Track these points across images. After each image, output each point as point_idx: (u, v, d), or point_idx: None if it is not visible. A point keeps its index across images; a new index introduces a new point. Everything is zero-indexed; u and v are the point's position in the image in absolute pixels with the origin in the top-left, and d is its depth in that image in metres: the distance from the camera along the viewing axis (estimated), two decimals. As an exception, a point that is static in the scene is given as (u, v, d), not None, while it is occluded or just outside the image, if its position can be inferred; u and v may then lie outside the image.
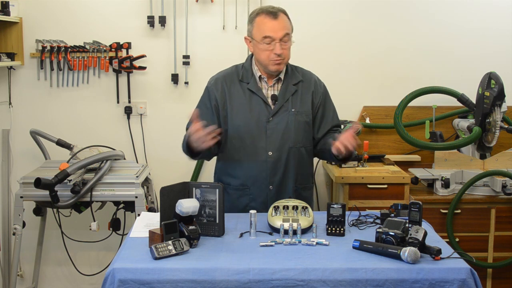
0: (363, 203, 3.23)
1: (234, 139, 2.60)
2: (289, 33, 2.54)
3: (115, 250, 3.12)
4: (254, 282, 1.88)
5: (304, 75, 2.70)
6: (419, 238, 1.97)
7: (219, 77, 2.67)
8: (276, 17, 2.51)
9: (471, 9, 3.80)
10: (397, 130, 3.46)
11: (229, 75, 2.66)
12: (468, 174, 3.37)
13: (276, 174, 2.60)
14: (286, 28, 2.52)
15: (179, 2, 3.70)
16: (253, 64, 2.64)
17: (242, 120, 2.57)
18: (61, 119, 3.78)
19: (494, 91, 3.28)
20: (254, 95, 2.60)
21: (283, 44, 2.52)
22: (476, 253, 3.24)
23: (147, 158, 3.82)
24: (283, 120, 2.59)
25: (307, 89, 2.66)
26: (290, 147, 2.60)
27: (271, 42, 2.50)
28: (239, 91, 2.61)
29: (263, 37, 2.50)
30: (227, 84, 2.63)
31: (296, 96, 2.63)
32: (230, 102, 2.60)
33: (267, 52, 2.52)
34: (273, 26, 2.49)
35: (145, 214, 2.52)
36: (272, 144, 2.58)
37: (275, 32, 2.49)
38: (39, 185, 2.99)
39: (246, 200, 2.62)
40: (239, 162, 2.60)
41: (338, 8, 3.79)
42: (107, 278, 1.90)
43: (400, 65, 3.83)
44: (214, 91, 2.63)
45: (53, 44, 3.66)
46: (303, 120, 2.63)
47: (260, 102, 2.59)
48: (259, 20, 2.53)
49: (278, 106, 2.59)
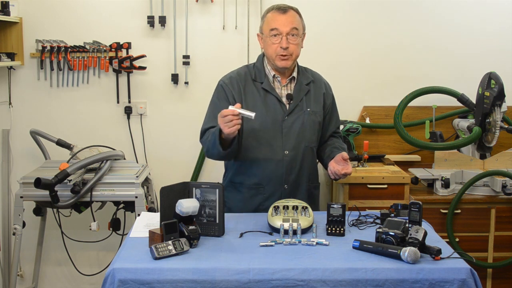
0: (363, 203, 3.23)
1: (250, 138, 2.58)
2: (297, 29, 2.55)
3: (115, 250, 3.12)
4: (254, 282, 1.88)
5: (314, 76, 2.74)
6: (419, 238, 1.97)
7: (233, 76, 2.66)
8: (285, 12, 2.55)
9: (471, 9, 3.80)
10: (397, 130, 3.46)
11: (242, 74, 2.66)
12: (468, 174, 3.37)
13: (291, 173, 2.61)
14: (294, 23, 2.54)
15: (179, 2, 3.70)
16: (265, 64, 2.65)
17: (258, 119, 2.53)
18: (61, 119, 3.78)
19: (494, 91, 3.28)
20: (268, 94, 2.60)
21: (290, 38, 2.53)
22: (476, 253, 3.24)
23: (147, 158, 3.82)
24: (298, 119, 2.60)
25: (318, 90, 2.69)
26: (306, 146, 2.63)
27: (278, 35, 2.52)
28: (253, 90, 2.61)
29: (270, 30, 2.54)
30: (241, 83, 2.62)
31: (310, 96, 2.66)
32: (246, 101, 2.59)
33: (274, 45, 2.54)
34: (281, 20, 2.53)
35: (145, 214, 2.52)
36: (288, 143, 2.59)
37: (282, 25, 2.52)
38: (39, 185, 2.99)
39: (259, 199, 2.61)
40: (255, 161, 2.59)
41: (338, 8, 3.79)
42: (107, 278, 1.90)
43: (400, 65, 3.84)
44: (231, 89, 2.61)
45: (53, 44, 3.66)
46: (317, 120, 2.66)
47: (275, 101, 2.60)
48: (269, 16, 2.58)
49: (293, 105, 2.60)
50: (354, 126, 3.57)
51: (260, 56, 2.71)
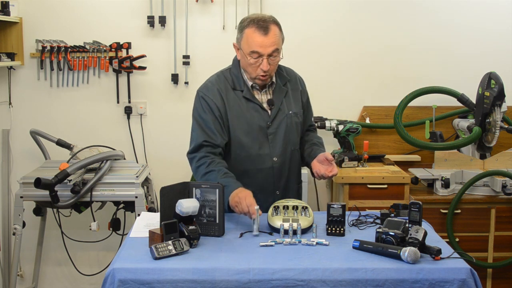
0: (363, 203, 3.23)
1: (239, 150, 2.54)
2: (278, 48, 2.42)
3: (115, 250, 3.12)
4: (254, 282, 1.88)
5: (288, 73, 2.65)
6: (419, 238, 1.97)
7: (212, 86, 2.54)
8: (266, 32, 2.38)
9: (471, 9, 3.80)
10: (397, 130, 3.45)
11: (221, 83, 2.54)
12: (468, 174, 3.37)
13: (281, 179, 2.58)
14: (275, 44, 2.40)
15: (179, 2, 3.70)
16: (242, 72, 2.56)
17: (244, 129, 2.51)
18: (61, 119, 3.78)
19: (494, 91, 3.28)
20: (250, 102, 2.52)
21: (271, 60, 2.42)
22: (476, 253, 3.24)
23: (147, 158, 3.82)
24: (282, 124, 2.55)
25: (295, 88, 2.63)
26: (292, 150, 2.59)
27: (259, 57, 2.41)
28: (235, 99, 2.53)
29: (251, 52, 2.40)
30: (223, 92, 2.52)
31: (289, 97, 2.60)
32: (230, 111, 2.51)
33: (254, 66, 2.44)
34: (263, 42, 2.38)
35: (145, 214, 2.52)
36: (276, 149, 2.54)
37: (264, 48, 2.39)
38: (39, 185, 2.99)
39: None
40: (245, 172, 2.54)
41: (337, 8, 3.78)
42: (107, 278, 1.90)
43: (400, 65, 3.84)
44: (214, 100, 2.49)
45: (53, 44, 3.66)
46: (299, 121, 2.62)
47: (257, 109, 2.53)
48: (248, 33, 2.41)
49: (275, 110, 2.54)
50: (354, 126, 3.57)
51: (236, 61, 2.58)
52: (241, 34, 2.45)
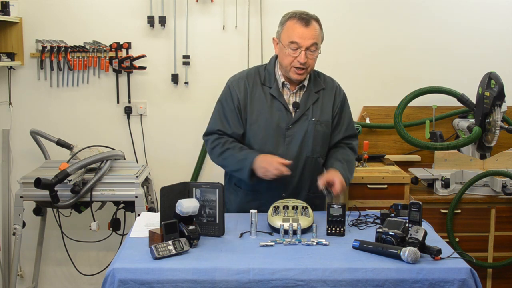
0: (363, 203, 3.22)
1: (252, 143, 2.55)
2: (317, 43, 2.46)
3: (115, 250, 3.12)
4: (254, 282, 1.88)
5: (326, 82, 2.65)
6: (419, 238, 1.97)
7: (241, 77, 2.60)
8: (307, 24, 2.44)
9: (471, 9, 3.80)
10: (397, 130, 3.46)
11: (251, 76, 2.59)
12: (468, 174, 3.37)
13: (290, 183, 2.55)
14: (315, 38, 2.44)
15: (179, 2, 3.70)
16: (276, 68, 2.58)
17: (262, 125, 2.52)
18: (61, 119, 3.78)
19: (494, 91, 3.28)
20: (275, 100, 2.54)
21: (309, 53, 2.45)
22: (476, 253, 3.24)
23: (147, 158, 3.82)
24: (302, 129, 2.54)
25: (328, 98, 2.61)
26: (307, 157, 2.57)
27: (297, 49, 2.44)
28: (260, 94, 2.55)
29: (290, 42, 2.44)
30: (249, 85, 2.56)
31: (317, 105, 2.58)
32: (251, 105, 2.54)
33: (291, 58, 2.46)
34: (303, 33, 2.43)
35: (145, 214, 2.52)
36: (290, 152, 2.53)
37: (303, 40, 2.43)
38: (39, 185, 2.99)
39: (256, 204, 2.50)
40: None
41: (338, 8, 3.78)
42: (107, 278, 1.90)
43: (400, 65, 3.83)
44: (237, 92, 2.56)
45: (53, 44, 3.66)
46: (322, 130, 2.58)
47: (281, 108, 2.54)
48: (289, 24, 2.46)
49: (299, 114, 2.54)
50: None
51: (273, 59, 2.62)
52: (282, 27, 2.51)
